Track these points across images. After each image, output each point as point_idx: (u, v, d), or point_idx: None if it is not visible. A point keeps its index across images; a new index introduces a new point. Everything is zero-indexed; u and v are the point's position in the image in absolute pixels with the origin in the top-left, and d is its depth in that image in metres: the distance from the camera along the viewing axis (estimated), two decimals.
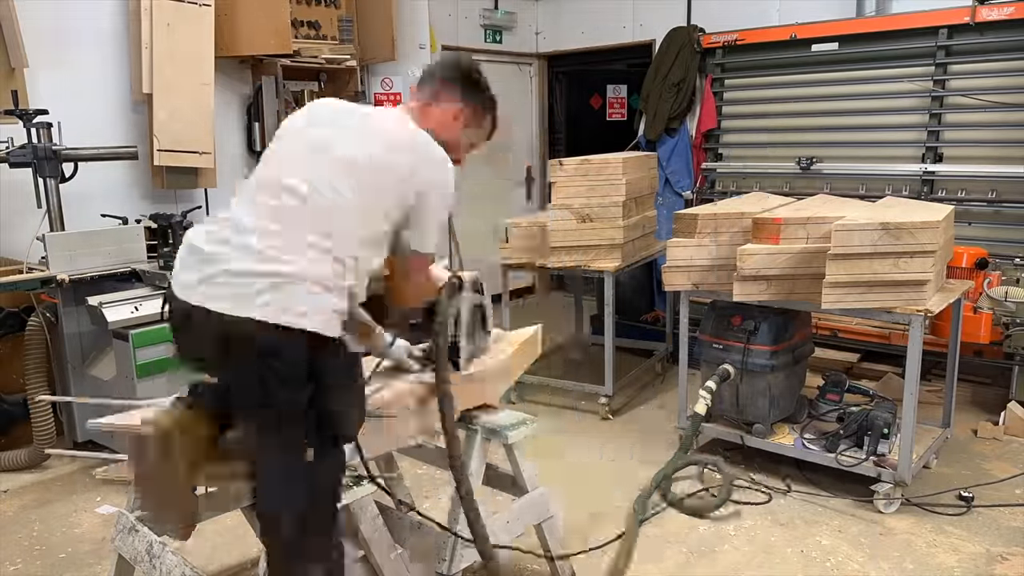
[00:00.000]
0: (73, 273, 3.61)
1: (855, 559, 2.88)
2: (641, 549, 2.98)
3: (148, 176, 4.60)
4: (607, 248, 4.18)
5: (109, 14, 4.46)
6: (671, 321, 4.86)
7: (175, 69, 4.31)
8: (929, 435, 3.54)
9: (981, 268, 3.88)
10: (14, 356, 3.72)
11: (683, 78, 5.64)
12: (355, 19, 5.61)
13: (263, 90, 4.93)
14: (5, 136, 3.77)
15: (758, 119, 5.42)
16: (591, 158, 4.20)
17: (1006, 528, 3.09)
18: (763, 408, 3.50)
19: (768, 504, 3.30)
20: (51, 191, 3.85)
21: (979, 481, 3.44)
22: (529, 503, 2.55)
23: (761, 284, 3.27)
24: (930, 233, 2.95)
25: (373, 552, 2.10)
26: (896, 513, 3.18)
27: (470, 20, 6.62)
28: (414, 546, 2.41)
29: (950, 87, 4.66)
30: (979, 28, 4.45)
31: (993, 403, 4.25)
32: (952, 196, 4.58)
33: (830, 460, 3.32)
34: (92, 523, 3.25)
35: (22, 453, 3.70)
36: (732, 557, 2.92)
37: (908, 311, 3.02)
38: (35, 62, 4.01)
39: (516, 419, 2.48)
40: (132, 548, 2.28)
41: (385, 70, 5.78)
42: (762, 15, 5.43)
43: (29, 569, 2.93)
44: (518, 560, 2.89)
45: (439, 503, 3.36)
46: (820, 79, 5.10)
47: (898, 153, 4.87)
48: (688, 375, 3.79)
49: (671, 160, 5.80)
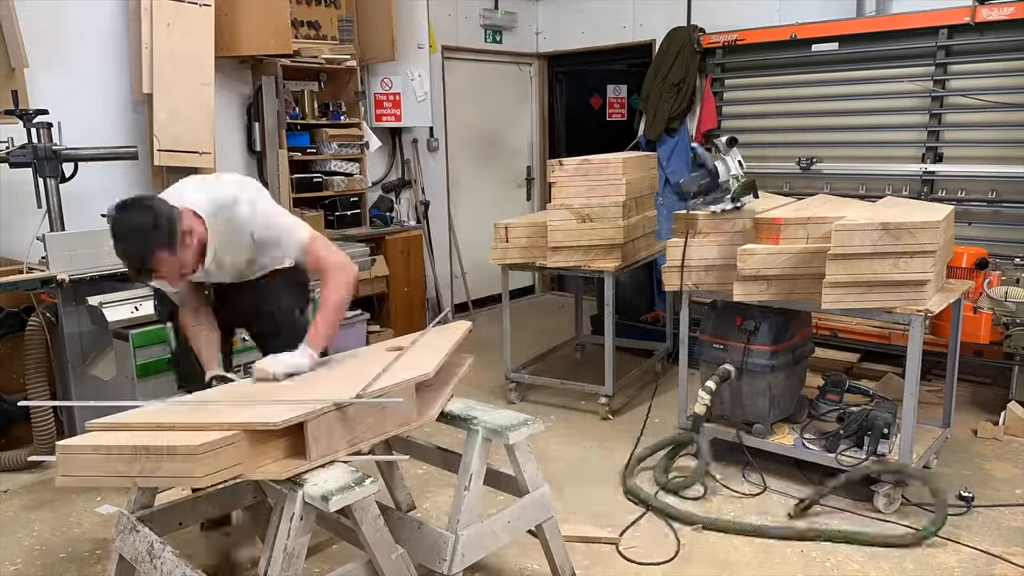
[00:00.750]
0: (73, 273, 3.61)
1: (855, 559, 2.87)
2: (639, 548, 2.98)
3: (148, 176, 4.61)
4: (607, 248, 4.18)
5: (109, 14, 4.47)
6: (671, 321, 4.86)
7: (175, 69, 4.31)
8: (929, 435, 3.54)
9: (981, 268, 3.88)
10: (14, 356, 3.73)
11: (683, 78, 5.64)
12: (355, 19, 5.61)
13: (263, 90, 4.93)
14: (5, 136, 3.77)
15: (758, 119, 5.42)
16: (591, 158, 4.20)
17: (1006, 528, 3.08)
18: (763, 408, 3.50)
19: (768, 504, 3.30)
20: (51, 191, 3.85)
21: (979, 481, 3.44)
22: (531, 503, 2.54)
23: (761, 284, 3.27)
24: (930, 233, 2.94)
25: (374, 553, 2.10)
26: (896, 513, 3.18)
27: (470, 20, 6.62)
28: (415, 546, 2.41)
29: (950, 87, 4.66)
30: (979, 28, 4.45)
31: (993, 403, 4.25)
32: (952, 196, 4.59)
33: (830, 460, 3.32)
34: (92, 523, 3.25)
35: (22, 453, 3.70)
36: (731, 557, 2.92)
37: (908, 311, 3.02)
38: (35, 62, 4.01)
39: (517, 419, 2.48)
40: (133, 548, 2.30)
41: (385, 70, 5.78)
42: (762, 15, 5.43)
43: (29, 569, 2.93)
44: (518, 560, 2.90)
45: (439, 503, 3.37)
46: (820, 79, 5.10)
47: (898, 153, 4.87)
48: (688, 375, 3.79)
49: (671, 160, 5.80)
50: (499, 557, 2.90)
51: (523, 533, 2.60)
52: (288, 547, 1.97)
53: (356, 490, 1.96)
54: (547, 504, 2.59)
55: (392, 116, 5.86)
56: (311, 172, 5.38)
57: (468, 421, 2.48)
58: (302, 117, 5.27)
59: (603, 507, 3.31)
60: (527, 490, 2.54)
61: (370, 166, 5.77)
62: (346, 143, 5.49)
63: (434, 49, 6.22)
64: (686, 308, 3.67)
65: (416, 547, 2.40)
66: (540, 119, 7.52)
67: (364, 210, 5.67)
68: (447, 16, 6.41)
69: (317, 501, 1.94)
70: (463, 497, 2.37)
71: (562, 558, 2.66)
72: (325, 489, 1.94)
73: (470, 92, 6.78)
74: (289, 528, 1.97)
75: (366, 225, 5.65)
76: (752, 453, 3.52)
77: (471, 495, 2.37)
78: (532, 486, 2.55)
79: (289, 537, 1.97)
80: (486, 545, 2.44)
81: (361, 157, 5.60)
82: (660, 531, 3.11)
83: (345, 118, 5.49)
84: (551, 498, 2.62)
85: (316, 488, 1.96)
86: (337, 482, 1.99)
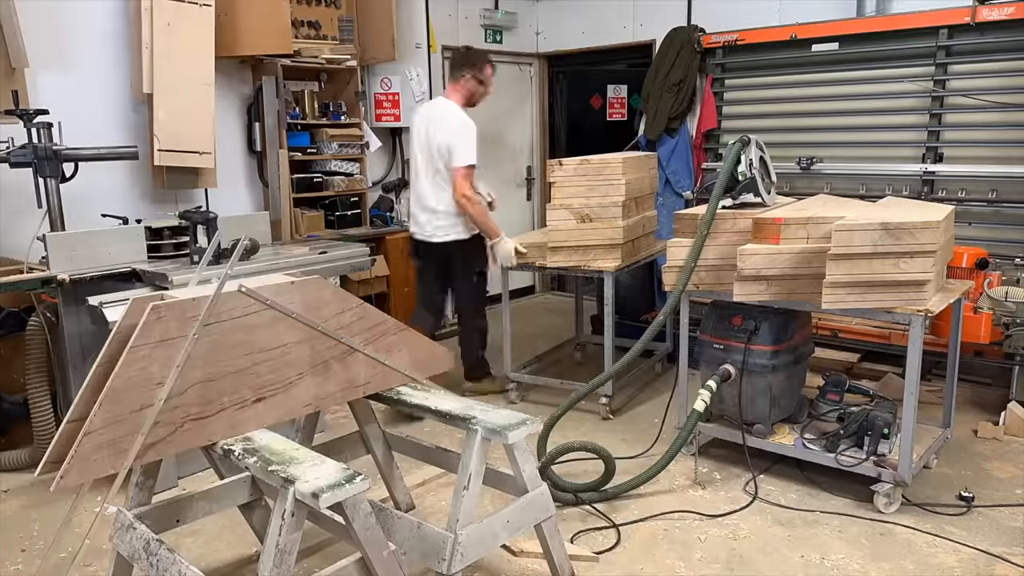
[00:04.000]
0: (73, 273, 3.61)
1: (855, 559, 2.88)
2: (637, 549, 2.98)
3: (148, 176, 4.61)
4: (607, 248, 4.18)
5: (109, 14, 4.47)
6: (671, 321, 4.86)
7: (175, 69, 4.31)
8: (929, 435, 3.55)
9: (981, 268, 3.88)
10: (14, 356, 3.73)
11: (683, 78, 5.65)
12: (355, 19, 5.61)
13: (263, 90, 4.93)
14: (5, 136, 3.76)
15: (758, 119, 5.43)
16: (590, 158, 4.20)
17: (1006, 528, 3.09)
18: (763, 408, 3.50)
19: (768, 504, 3.30)
20: (51, 191, 3.85)
21: (979, 481, 3.45)
22: (529, 503, 2.54)
23: (761, 284, 3.27)
24: (930, 233, 2.94)
25: (366, 550, 2.10)
26: (896, 513, 3.18)
27: (470, 20, 6.62)
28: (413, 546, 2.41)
29: (950, 87, 4.66)
30: (979, 28, 4.45)
31: (993, 403, 4.25)
32: (952, 196, 4.59)
33: (830, 460, 3.32)
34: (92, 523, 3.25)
35: (22, 453, 3.70)
36: (731, 557, 2.92)
37: (908, 311, 3.02)
38: (35, 62, 4.01)
39: (516, 419, 2.48)
40: (130, 545, 2.32)
41: (385, 70, 5.78)
42: (762, 15, 5.43)
43: (29, 569, 2.93)
44: (519, 561, 2.90)
45: (439, 503, 3.37)
46: (820, 79, 5.10)
47: (898, 153, 4.88)
48: (688, 375, 3.79)
49: (671, 160, 5.81)
50: (498, 555, 2.90)
51: (522, 533, 2.59)
52: (280, 544, 1.98)
53: (347, 487, 1.97)
54: (546, 503, 2.59)
55: (391, 116, 5.86)
56: (311, 172, 5.38)
57: (467, 421, 2.48)
58: (302, 117, 5.27)
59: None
60: (526, 489, 2.54)
61: (370, 166, 5.77)
62: (346, 143, 5.49)
63: (434, 49, 6.22)
64: (686, 308, 3.66)
65: (415, 547, 2.40)
66: (540, 119, 7.52)
67: (364, 210, 5.67)
68: (447, 16, 6.41)
69: (308, 498, 1.94)
70: (462, 497, 2.37)
71: (561, 558, 2.66)
72: (316, 486, 1.95)
73: None
74: (281, 525, 1.98)
75: (366, 225, 5.65)
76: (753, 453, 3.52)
77: (470, 495, 2.37)
78: (531, 485, 2.55)
79: (281, 534, 1.98)
80: (486, 544, 2.44)
81: (361, 157, 5.60)
82: (656, 531, 3.11)
83: (345, 118, 5.49)
84: (550, 497, 2.62)
85: (307, 485, 1.96)
86: (328, 479, 1.99)
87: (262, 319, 2.33)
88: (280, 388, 2.40)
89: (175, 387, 2.14)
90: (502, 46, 6.92)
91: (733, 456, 3.67)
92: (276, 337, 2.37)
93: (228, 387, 2.27)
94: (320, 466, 2.07)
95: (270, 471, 2.07)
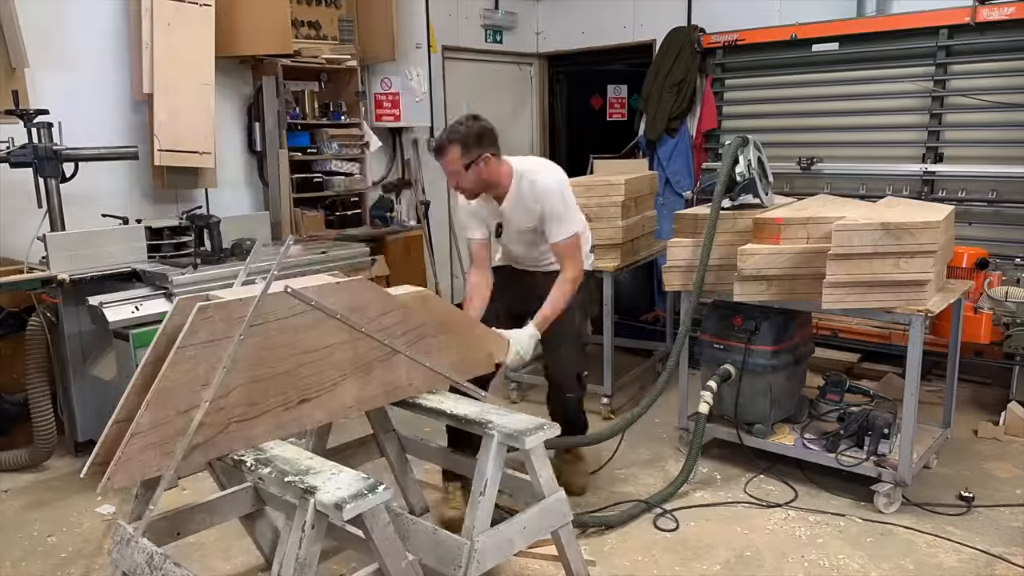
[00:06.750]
0: (74, 273, 3.61)
1: (856, 559, 2.87)
2: (636, 549, 2.98)
3: (148, 176, 4.61)
4: (606, 248, 4.18)
5: (109, 14, 4.46)
6: (671, 321, 4.86)
7: (175, 69, 4.31)
8: (929, 435, 3.54)
9: (981, 268, 3.87)
10: (15, 356, 3.72)
11: (683, 78, 5.65)
12: (355, 19, 5.61)
13: (263, 90, 4.93)
14: (5, 136, 3.76)
15: (759, 119, 5.42)
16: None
17: (1006, 528, 3.08)
18: (764, 408, 3.50)
19: (768, 504, 3.30)
20: (52, 191, 3.85)
21: (979, 481, 3.45)
22: (546, 508, 2.49)
23: (761, 284, 3.27)
24: (930, 233, 2.94)
25: (385, 561, 2.04)
26: (896, 513, 3.18)
27: (470, 20, 6.62)
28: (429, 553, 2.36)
29: (950, 87, 4.66)
30: (979, 28, 4.45)
31: (993, 403, 4.25)
32: (952, 196, 4.58)
33: (830, 460, 3.32)
34: (92, 523, 3.25)
35: (22, 453, 3.70)
36: (731, 557, 2.92)
37: (908, 311, 3.02)
38: (35, 62, 4.01)
39: (533, 423, 2.41)
40: (131, 560, 2.22)
41: (385, 70, 5.78)
42: (762, 15, 5.42)
43: (29, 569, 2.93)
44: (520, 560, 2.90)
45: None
46: (820, 79, 5.10)
47: (898, 153, 4.87)
48: (688, 375, 3.79)
49: (672, 160, 5.80)
50: (510, 561, 2.89)
51: (539, 539, 2.54)
52: (300, 556, 1.89)
53: (370, 497, 1.89)
54: (563, 509, 2.53)
55: (391, 116, 5.86)
56: (311, 172, 5.38)
57: (483, 425, 2.40)
58: (302, 117, 5.27)
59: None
60: (543, 495, 2.48)
61: (370, 166, 5.77)
62: (346, 143, 5.49)
63: (435, 49, 6.22)
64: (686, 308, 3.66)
65: (431, 553, 2.34)
66: (540, 119, 7.51)
67: (364, 210, 5.67)
68: (447, 16, 6.41)
69: (330, 510, 1.87)
70: (478, 503, 2.30)
71: (578, 564, 2.60)
72: (338, 497, 1.87)
73: (471, 92, 6.76)
74: (301, 537, 1.90)
75: (366, 225, 5.64)
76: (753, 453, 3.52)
77: (486, 500, 2.31)
78: (548, 491, 2.48)
79: (301, 547, 1.90)
80: (502, 551, 2.38)
81: (361, 157, 5.60)
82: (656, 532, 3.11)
83: (345, 118, 5.49)
84: (567, 503, 2.56)
85: (328, 496, 1.88)
86: (350, 489, 1.91)
87: (306, 320, 2.26)
88: (325, 390, 2.33)
89: (220, 388, 2.08)
90: (502, 46, 6.92)
91: (733, 456, 3.67)
92: (320, 338, 2.30)
93: (273, 389, 2.21)
94: (339, 475, 1.99)
95: (287, 482, 1.98)
